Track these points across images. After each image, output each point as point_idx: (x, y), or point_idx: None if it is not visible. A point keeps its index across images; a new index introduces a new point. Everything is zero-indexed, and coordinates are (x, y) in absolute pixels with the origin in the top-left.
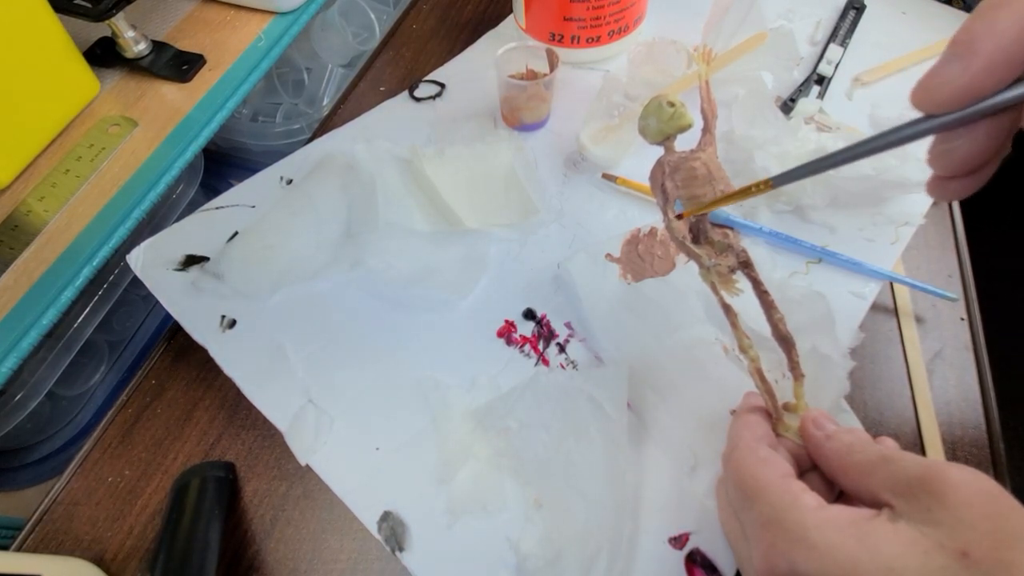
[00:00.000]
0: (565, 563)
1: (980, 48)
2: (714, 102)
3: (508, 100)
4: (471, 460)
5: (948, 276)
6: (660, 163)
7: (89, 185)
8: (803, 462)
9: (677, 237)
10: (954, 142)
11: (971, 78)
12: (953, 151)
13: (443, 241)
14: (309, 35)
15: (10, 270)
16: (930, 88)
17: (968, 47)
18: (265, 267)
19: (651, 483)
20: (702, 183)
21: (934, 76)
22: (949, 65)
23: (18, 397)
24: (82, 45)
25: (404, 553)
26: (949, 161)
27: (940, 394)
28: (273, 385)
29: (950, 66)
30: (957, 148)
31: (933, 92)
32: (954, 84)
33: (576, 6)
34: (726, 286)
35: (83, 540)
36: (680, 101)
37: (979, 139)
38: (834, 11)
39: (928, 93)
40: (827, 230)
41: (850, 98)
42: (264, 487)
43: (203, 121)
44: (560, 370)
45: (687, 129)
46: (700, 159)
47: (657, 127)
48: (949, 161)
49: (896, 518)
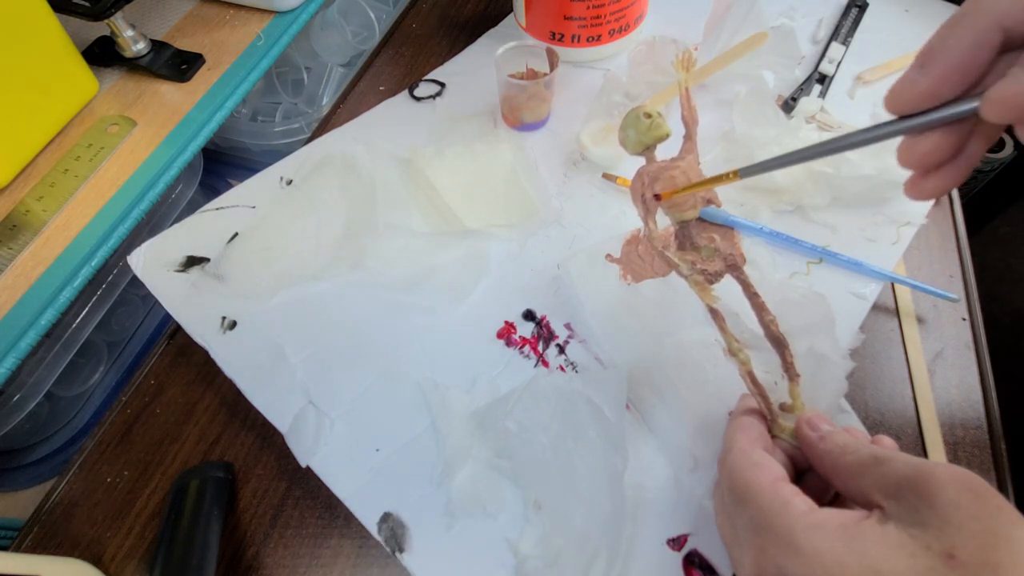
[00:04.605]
0: (564, 564)
1: (937, 59)
2: (695, 109)
3: (508, 100)
4: (471, 461)
5: (949, 276)
6: (640, 173)
7: (88, 185)
8: (800, 463)
9: (656, 247)
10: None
11: (929, 85)
12: (915, 146)
13: (443, 242)
14: (309, 34)
15: (9, 270)
16: (898, 93)
17: (928, 58)
18: (265, 268)
19: (650, 485)
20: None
21: (901, 82)
22: (914, 73)
23: (16, 397)
24: (81, 44)
25: (404, 554)
26: (912, 156)
27: (941, 394)
28: (273, 386)
29: (914, 74)
30: (918, 144)
31: (900, 96)
32: (916, 89)
33: (576, 5)
34: (703, 295)
35: (82, 541)
36: (657, 112)
37: (935, 138)
38: (836, 9)
39: (896, 96)
40: (828, 230)
41: (852, 97)
42: (264, 487)
43: (202, 121)
44: (560, 372)
45: (665, 139)
46: (680, 167)
47: (636, 138)
48: (912, 156)
49: (885, 520)
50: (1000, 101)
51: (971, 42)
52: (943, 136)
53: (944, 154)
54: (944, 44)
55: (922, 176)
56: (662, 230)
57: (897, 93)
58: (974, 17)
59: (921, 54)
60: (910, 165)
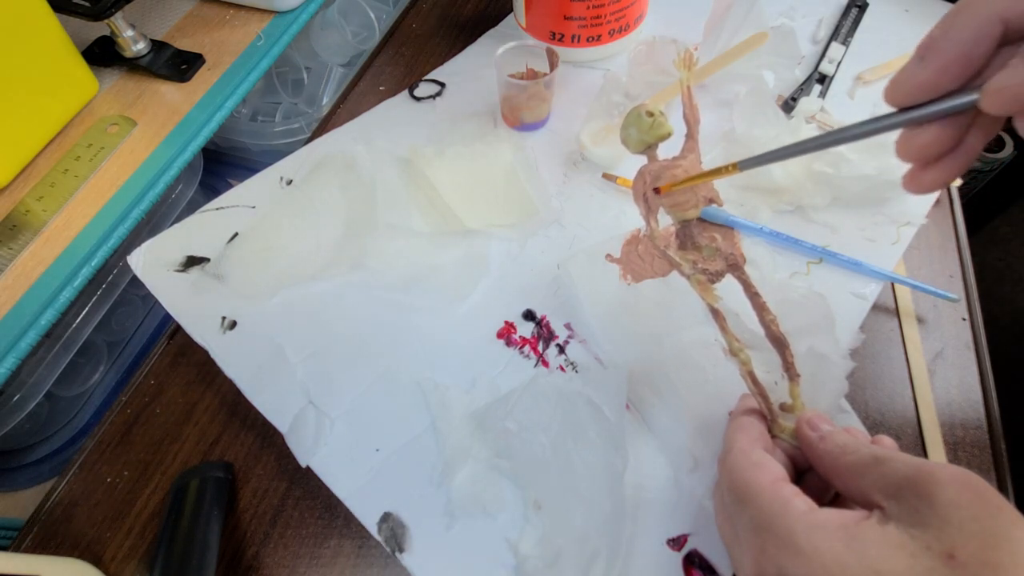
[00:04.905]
0: (564, 564)
1: (938, 50)
2: (696, 108)
3: (508, 100)
4: (471, 461)
5: (949, 276)
6: (642, 172)
7: (88, 185)
8: (800, 463)
9: (659, 246)
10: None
11: (929, 76)
12: (914, 138)
13: (443, 242)
14: (309, 34)
15: (9, 270)
16: (897, 84)
17: (928, 50)
18: (265, 268)
19: (650, 484)
20: (684, 190)
21: (902, 74)
22: (914, 65)
23: (16, 398)
24: (81, 44)
25: (404, 554)
26: (911, 148)
27: (942, 394)
28: (273, 386)
29: (915, 66)
30: (918, 136)
31: (900, 87)
32: (916, 81)
33: (576, 5)
34: (705, 295)
35: (82, 541)
36: (659, 110)
37: (935, 130)
38: (836, 9)
39: (896, 88)
40: (828, 230)
41: (852, 97)
42: (264, 487)
43: (202, 121)
44: (560, 372)
45: (667, 138)
46: (681, 166)
47: (638, 137)
48: (911, 148)
49: (886, 520)
50: (1000, 93)
51: (971, 34)
52: (942, 128)
53: (943, 146)
54: (944, 36)
55: (921, 169)
56: (663, 229)
57: (897, 85)
58: (974, 9)
59: (921, 46)
60: (909, 157)
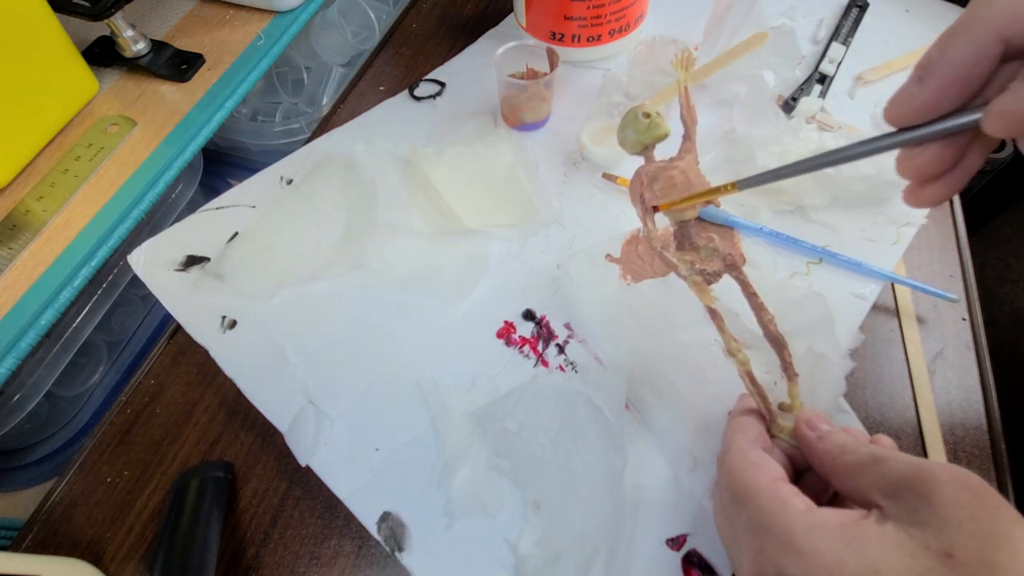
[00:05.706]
0: (563, 564)
1: (936, 71)
2: (694, 109)
3: (508, 100)
4: (470, 461)
5: (949, 276)
6: (639, 173)
7: (88, 185)
8: (799, 463)
9: (655, 247)
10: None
11: (928, 97)
12: (914, 158)
13: (443, 242)
14: (309, 34)
15: (9, 270)
16: (897, 105)
17: (927, 71)
18: (265, 268)
19: (649, 484)
20: (681, 191)
21: (901, 94)
22: (913, 86)
23: (16, 397)
24: (81, 44)
25: (403, 554)
26: (910, 167)
27: (942, 395)
28: (273, 386)
29: (913, 86)
30: (917, 155)
31: (899, 108)
32: (915, 103)
33: (577, 5)
34: (701, 296)
35: (82, 541)
36: (656, 111)
37: (934, 150)
38: (837, 9)
39: (895, 108)
40: (828, 230)
41: (852, 97)
42: (264, 487)
43: (202, 121)
44: (559, 372)
45: (664, 139)
46: (678, 167)
47: (635, 138)
48: (910, 167)
49: (884, 520)
50: (1002, 115)
51: (970, 55)
52: (942, 148)
53: (943, 165)
54: (943, 57)
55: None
56: (661, 230)
57: (896, 105)
58: (973, 28)
59: (919, 67)
60: (908, 176)
